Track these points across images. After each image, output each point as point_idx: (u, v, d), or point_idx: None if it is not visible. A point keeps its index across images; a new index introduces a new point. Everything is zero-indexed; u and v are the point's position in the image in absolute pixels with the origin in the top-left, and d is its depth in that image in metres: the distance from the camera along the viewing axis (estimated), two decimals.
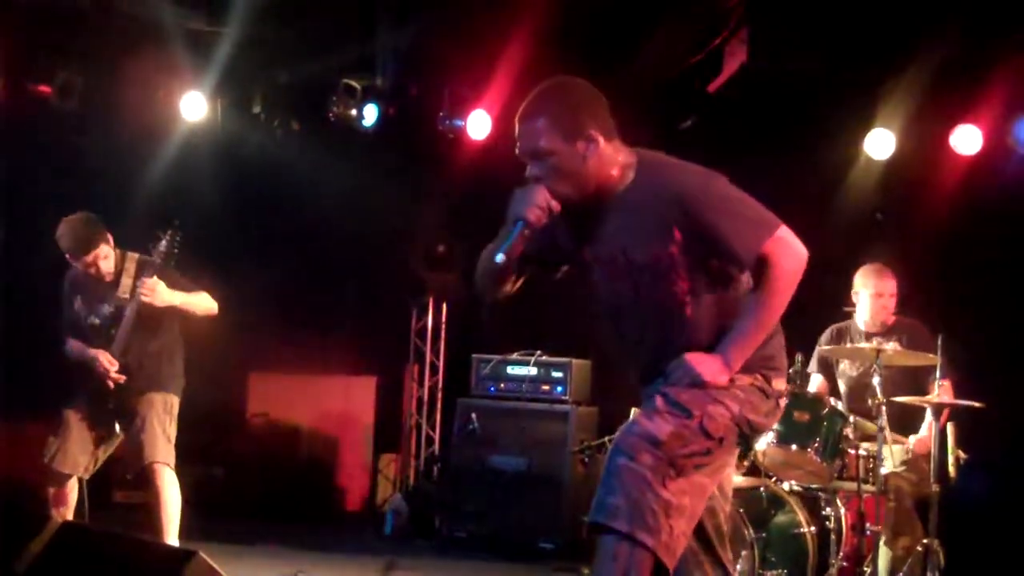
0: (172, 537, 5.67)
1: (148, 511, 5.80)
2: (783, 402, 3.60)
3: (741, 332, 3.42)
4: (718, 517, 3.59)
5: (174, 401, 5.85)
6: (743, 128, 7.72)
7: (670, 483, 3.27)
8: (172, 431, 5.80)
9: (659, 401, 3.38)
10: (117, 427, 5.80)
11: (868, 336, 6.16)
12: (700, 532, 3.50)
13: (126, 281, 5.80)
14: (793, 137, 7.63)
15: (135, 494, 7.07)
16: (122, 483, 5.84)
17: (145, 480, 5.74)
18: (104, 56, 8.10)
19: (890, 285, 6.23)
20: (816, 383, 6.40)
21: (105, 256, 5.79)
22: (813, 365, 6.43)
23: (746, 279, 3.49)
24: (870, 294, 6.21)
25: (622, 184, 3.47)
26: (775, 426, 5.68)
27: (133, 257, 5.88)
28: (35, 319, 6.12)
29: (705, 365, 3.39)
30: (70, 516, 5.74)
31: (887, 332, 6.17)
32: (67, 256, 5.83)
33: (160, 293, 5.69)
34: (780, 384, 3.55)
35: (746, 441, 3.54)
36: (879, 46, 7.02)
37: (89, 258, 5.75)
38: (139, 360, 5.79)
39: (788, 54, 6.99)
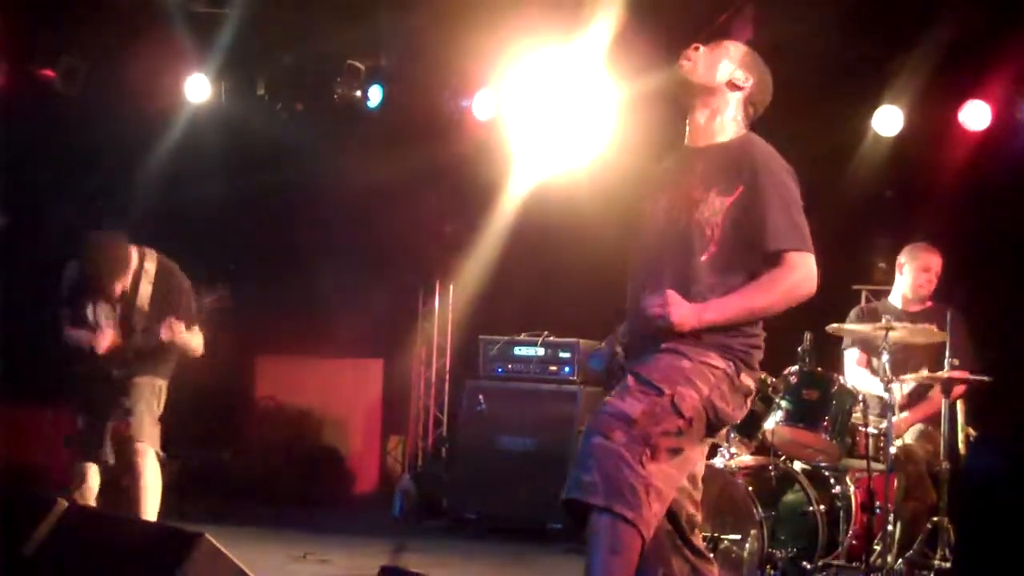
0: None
1: (125, 493, 5.67)
2: (750, 400, 3.62)
3: (727, 301, 3.46)
4: (689, 507, 3.61)
5: (163, 385, 5.79)
6: None
7: (647, 462, 3.30)
8: (158, 413, 5.74)
9: (630, 380, 3.42)
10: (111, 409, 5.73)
11: (906, 315, 6.05)
12: (673, 520, 3.53)
13: (144, 288, 5.70)
14: (800, 114, 7.56)
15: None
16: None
17: (125, 460, 5.64)
18: (108, 39, 8.09)
19: (936, 261, 6.20)
20: (854, 357, 6.29)
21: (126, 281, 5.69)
22: (847, 342, 6.31)
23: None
24: (917, 266, 6.18)
25: (721, 137, 3.66)
26: (784, 404, 5.69)
27: (152, 257, 5.76)
28: (38, 303, 6.09)
29: (677, 307, 3.42)
30: (92, 503, 5.69)
31: (925, 315, 6.05)
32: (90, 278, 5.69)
33: (178, 336, 5.62)
34: (749, 380, 3.56)
35: (711, 431, 3.52)
36: (887, 22, 6.98)
37: (116, 286, 5.65)
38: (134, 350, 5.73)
39: (794, 31, 6.94)
